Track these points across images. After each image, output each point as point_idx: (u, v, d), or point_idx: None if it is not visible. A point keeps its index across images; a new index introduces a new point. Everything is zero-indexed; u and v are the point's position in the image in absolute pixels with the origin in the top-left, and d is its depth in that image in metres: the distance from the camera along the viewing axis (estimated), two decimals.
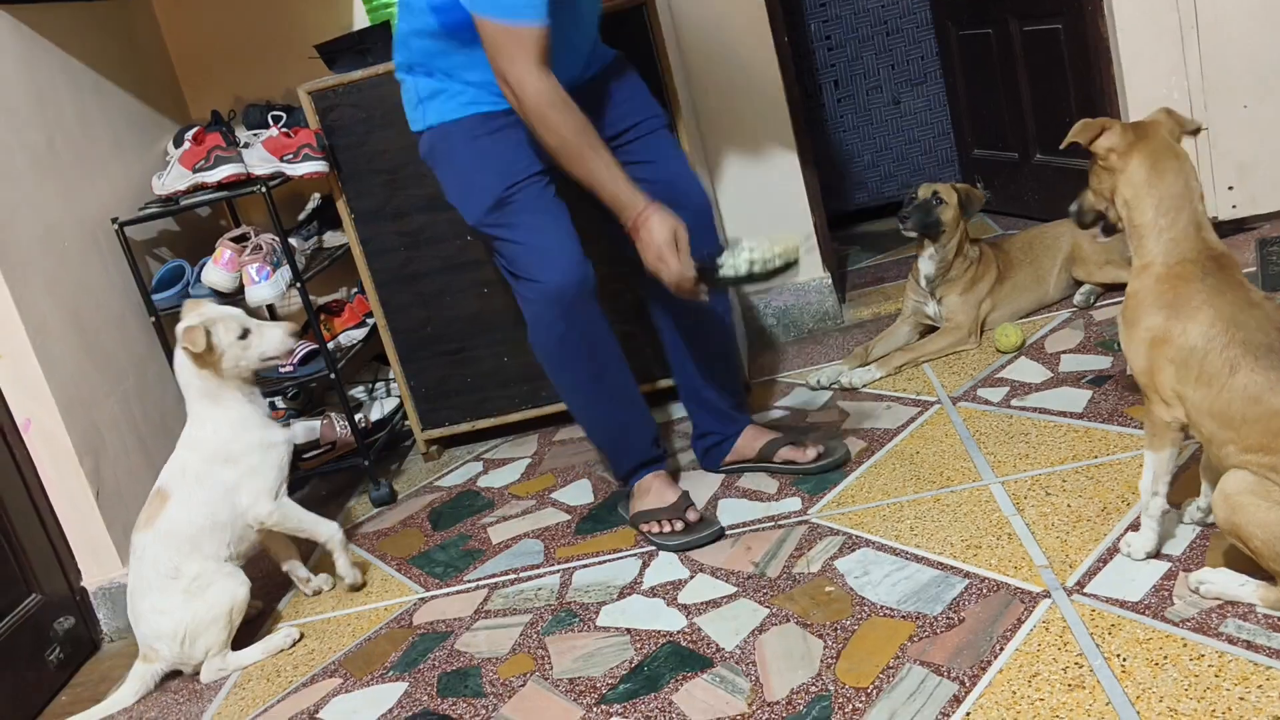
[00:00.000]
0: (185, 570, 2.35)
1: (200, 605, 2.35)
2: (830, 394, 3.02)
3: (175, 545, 2.36)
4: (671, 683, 1.97)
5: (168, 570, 2.34)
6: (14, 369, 2.55)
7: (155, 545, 2.36)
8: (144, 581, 2.36)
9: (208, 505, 2.40)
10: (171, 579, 2.34)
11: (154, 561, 2.35)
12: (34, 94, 2.76)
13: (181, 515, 2.38)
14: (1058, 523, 2.13)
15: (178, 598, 2.34)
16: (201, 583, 2.36)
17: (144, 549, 2.36)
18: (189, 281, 3.02)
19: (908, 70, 4.45)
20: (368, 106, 2.98)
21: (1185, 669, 1.67)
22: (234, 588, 2.39)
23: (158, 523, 2.37)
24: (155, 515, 2.37)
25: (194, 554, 2.37)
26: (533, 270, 2.29)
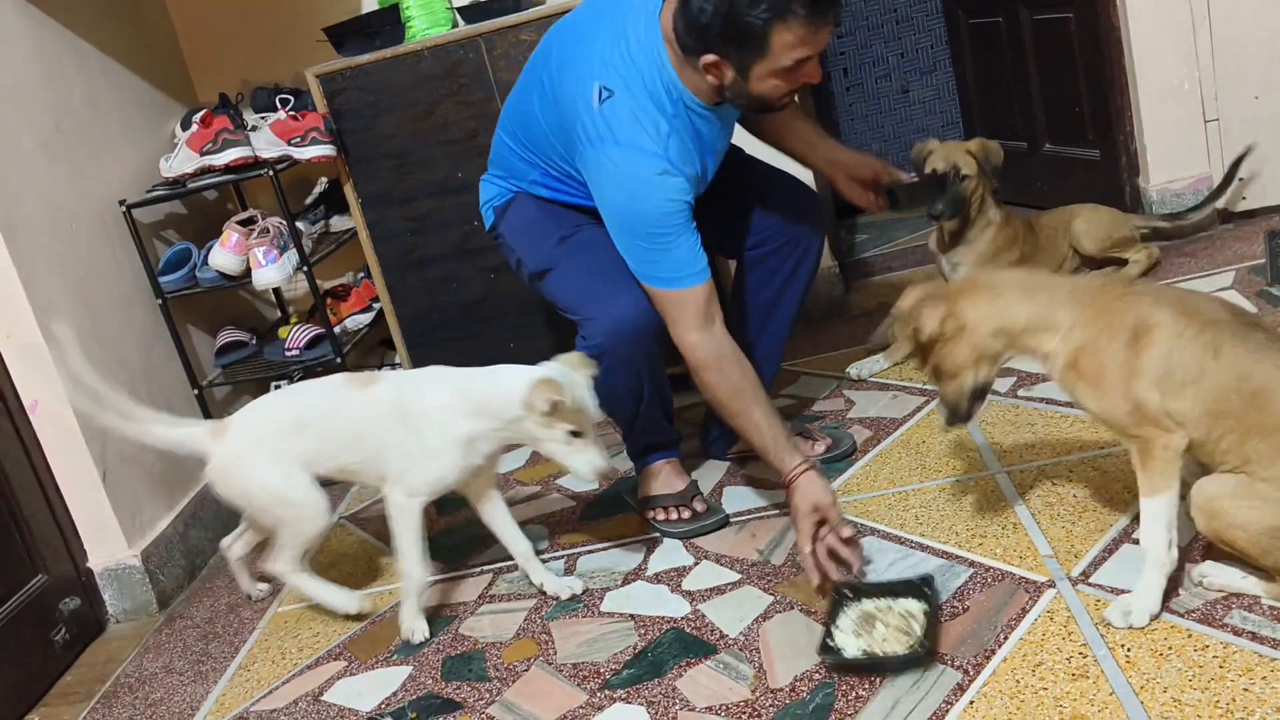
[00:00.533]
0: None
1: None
2: (836, 382, 3.01)
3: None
4: (675, 669, 1.97)
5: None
6: (21, 350, 2.56)
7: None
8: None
9: (366, 441, 2.25)
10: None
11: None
12: (42, 76, 2.76)
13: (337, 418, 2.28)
14: (1063, 513, 2.13)
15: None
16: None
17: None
18: (196, 264, 3.02)
19: (917, 58, 4.43)
20: (375, 90, 2.97)
21: (1190, 660, 1.67)
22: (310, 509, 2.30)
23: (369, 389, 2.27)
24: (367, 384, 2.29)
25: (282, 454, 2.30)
26: (600, 301, 2.24)
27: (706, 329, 2.17)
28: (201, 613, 2.66)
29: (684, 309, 2.16)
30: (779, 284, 2.52)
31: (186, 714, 2.24)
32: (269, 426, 2.30)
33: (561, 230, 2.34)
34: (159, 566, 2.74)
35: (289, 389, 2.46)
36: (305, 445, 2.27)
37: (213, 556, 2.95)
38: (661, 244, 2.13)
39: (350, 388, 2.28)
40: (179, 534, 2.84)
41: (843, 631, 1.90)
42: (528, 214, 2.40)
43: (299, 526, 2.30)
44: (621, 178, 2.11)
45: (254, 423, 2.32)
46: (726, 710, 1.83)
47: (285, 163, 2.96)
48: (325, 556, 2.76)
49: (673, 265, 2.15)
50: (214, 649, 2.47)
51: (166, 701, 2.31)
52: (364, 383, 2.27)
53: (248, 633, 2.50)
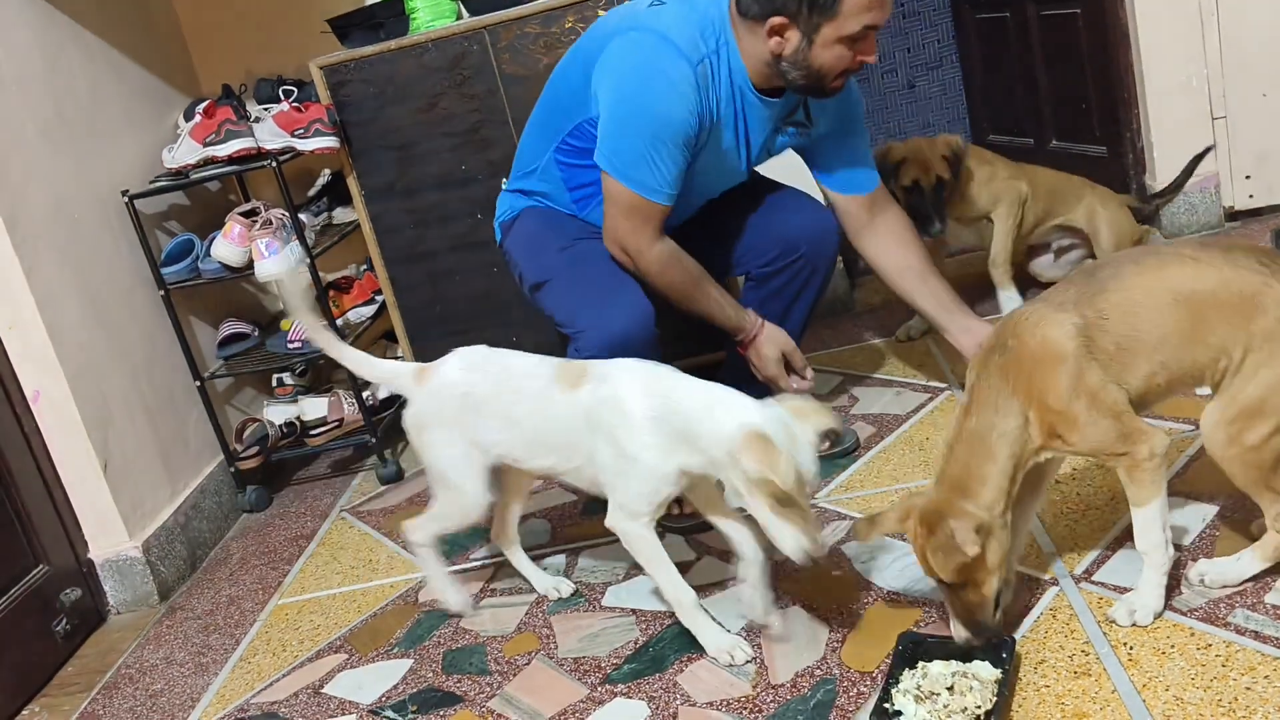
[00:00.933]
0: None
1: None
2: (841, 378, 3.00)
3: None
4: (676, 664, 1.96)
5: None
6: (23, 340, 2.55)
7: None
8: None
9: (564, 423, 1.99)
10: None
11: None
12: (46, 65, 2.75)
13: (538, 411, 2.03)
14: (1066, 511, 2.12)
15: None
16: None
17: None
18: (198, 255, 3.02)
19: (923, 53, 4.42)
20: (379, 82, 2.96)
21: (1192, 658, 1.67)
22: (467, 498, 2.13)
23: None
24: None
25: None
26: (594, 313, 2.21)
27: (662, 237, 2.23)
28: (202, 604, 2.65)
29: (649, 220, 2.21)
30: (786, 301, 2.51)
31: (187, 705, 2.24)
32: (456, 393, 2.08)
33: (560, 242, 2.34)
34: (160, 558, 2.74)
35: (498, 355, 2.11)
36: (488, 431, 2.05)
37: (214, 548, 2.95)
38: (654, 150, 2.14)
39: (558, 383, 1.99)
40: (180, 525, 2.84)
41: (903, 693, 1.70)
42: (530, 228, 2.41)
43: (447, 509, 2.15)
44: (644, 65, 2.11)
45: (448, 383, 2.10)
46: (728, 706, 1.83)
47: (288, 154, 2.95)
48: (325, 549, 2.76)
49: (654, 175, 2.16)
50: (215, 640, 2.47)
51: (167, 693, 2.31)
52: (574, 379, 1.97)
53: (248, 625, 2.50)
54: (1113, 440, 1.68)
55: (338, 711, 2.08)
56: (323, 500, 3.07)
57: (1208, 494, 2.06)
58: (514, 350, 2.12)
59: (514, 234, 2.45)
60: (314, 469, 3.32)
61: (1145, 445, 1.69)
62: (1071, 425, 1.68)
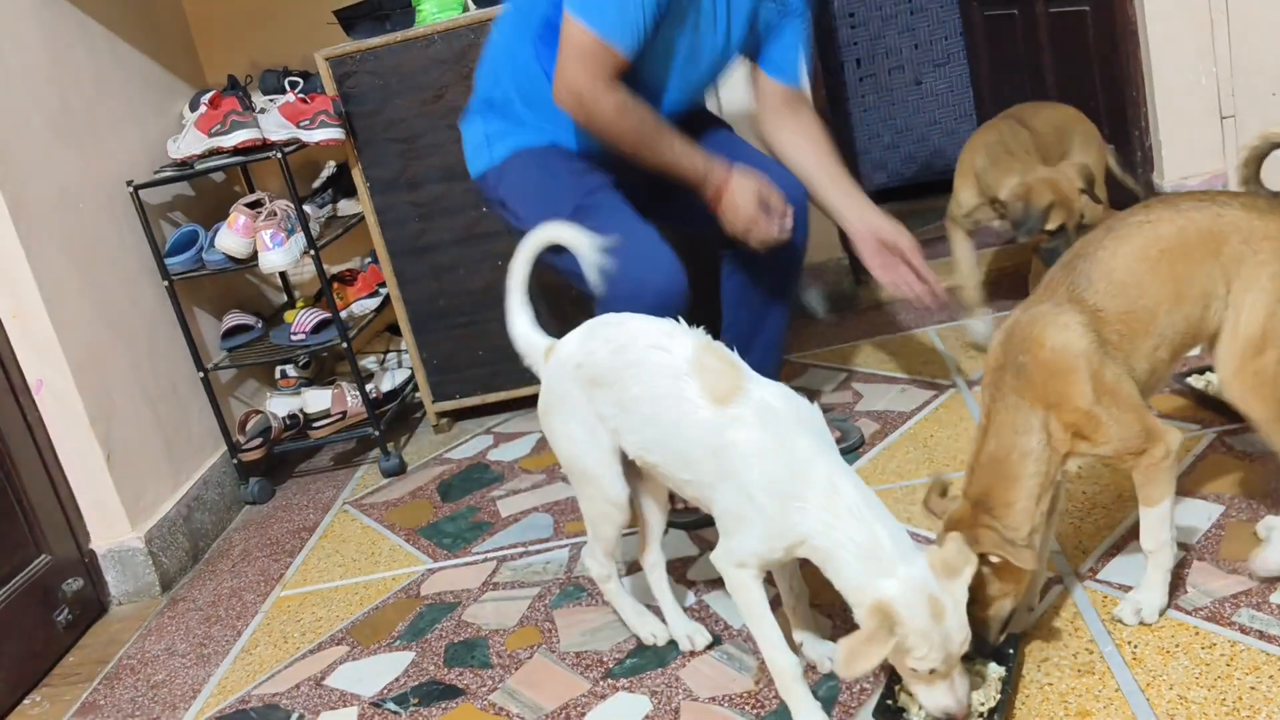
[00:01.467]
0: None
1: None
2: (845, 374, 3.00)
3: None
4: (679, 659, 1.96)
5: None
6: (27, 330, 2.55)
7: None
8: None
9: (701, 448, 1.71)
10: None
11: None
12: (51, 55, 2.74)
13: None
14: (1072, 508, 2.11)
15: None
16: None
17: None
18: (203, 246, 3.01)
19: (931, 50, 4.40)
20: (385, 74, 2.95)
21: (1196, 657, 1.66)
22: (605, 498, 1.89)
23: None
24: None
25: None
26: (628, 275, 2.04)
27: (617, 85, 2.08)
28: (204, 595, 2.65)
29: (606, 67, 2.05)
30: (769, 282, 2.46)
31: (188, 696, 2.24)
32: (571, 364, 1.84)
33: (575, 198, 2.19)
34: (162, 549, 2.74)
35: (617, 325, 1.83)
36: (606, 410, 1.80)
37: (216, 539, 2.95)
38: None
39: (699, 389, 1.69)
40: (182, 516, 2.84)
41: (907, 690, 1.65)
42: (530, 178, 2.27)
43: (592, 508, 1.91)
44: None
45: (564, 356, 1.86)
46: (730, 701, 1.82)
47: (294, 145, 2.95)
48: (328, 542, 2.75)
49: (621, 17, 2.04)
50: (216, 632, 2.47)
51: (168, 683, 2.31)
52: (722, 392, 1.67)
53: (250, 616, 2.49)
54: (1135, 435, 1.66)
55: (339, 704, 2.07)
56: (325, 493, 3.07)
57: (1214, 494, 2.05)
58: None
59: (510, 181, 2.30)
60: (316, 461, 3.32)
61: (1162, 444, 1.67)
62: (1096, 425, 1.64)
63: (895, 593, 1.50)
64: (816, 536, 1.58)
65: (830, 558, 1.57)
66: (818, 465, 1.61)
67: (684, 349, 1.73)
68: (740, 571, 1.68)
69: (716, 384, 1.69)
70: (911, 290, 2.34)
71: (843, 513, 1.57)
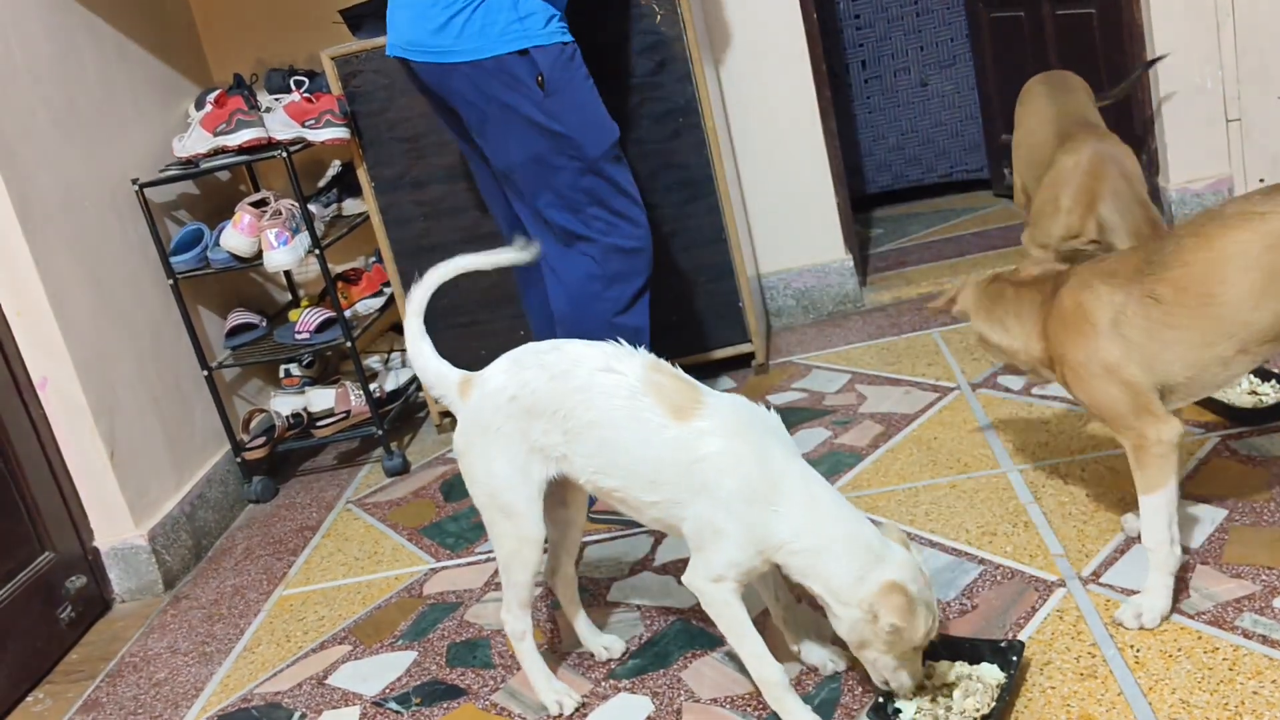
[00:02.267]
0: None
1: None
2: (849, 376, 2.99)
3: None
4: (681, 660, 1.96)
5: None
6: (32, 327, 2.56)
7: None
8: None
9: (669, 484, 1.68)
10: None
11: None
12: (57, 53, 2.75)
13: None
14: (1075, 512, 2.11)
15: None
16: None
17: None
18: (207, 245, 3.02)
19: (937, 52, 4.40)
20: (391, 73, 2.96)
21: (1199, 662, 1.66)
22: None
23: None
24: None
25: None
26: (638, 217, 2.35)
27: None
28: (207, 594, 2.66)
29: None
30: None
31: (190, 694, 2.24)
32: (504, 398, 1.77)
33: (614, 131, 2.32)
34: (165, 547, 2.74)
35: (553, 345, 1.80)
36: (549, 439, 1.75)
37: (219, 538, 2.95)
38: None
39: (657, 405, 1.67)
40: (185, 515, 2.84)
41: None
42: (586, 86, 2.27)
43: (506, 549, 1.83)
44: None
45: (492, 390, 1.79)
46: (731, 702, 1.82)
47: (299, 145, 2.95)
48: (330, 541, 2.76)
49: None
50: (219, 630, 2.47)
51: (170, 681, 2.31)
52: (680, 408, 1.67)
53: (253, 615, 2.50)
54: (1122, 414, 1.72)
55: (341, 703, 2.08)
56: (328, 492, 3.07)
57: (1217, 497, 2.05)
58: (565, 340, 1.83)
59: (565, 84, 2.22)
60: (320, 460, 3.32)
61: (1155, 429, 1.69)
62: (1079, 384, 1.77)
63: (900, 575, 1.57)
64: (798, 539, 1.60)
65: (816, 559, 1.60)
66: (791, 470, 1.64)
67: (634, 369, 1.71)
68: (718, 586, 1.66)
69: (674, 400, 1.68)
70: None
71: (823, 513, 1.61)
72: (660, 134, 2.97)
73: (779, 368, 3.17)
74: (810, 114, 3.35)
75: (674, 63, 2.90)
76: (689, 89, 2.92)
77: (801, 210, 3.41)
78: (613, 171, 2.31)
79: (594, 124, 2.28)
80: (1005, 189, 3.84)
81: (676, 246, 3.06)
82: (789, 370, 3.14)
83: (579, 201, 2.31)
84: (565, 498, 1.86)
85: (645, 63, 2.91)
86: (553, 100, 2.23)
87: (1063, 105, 2.73)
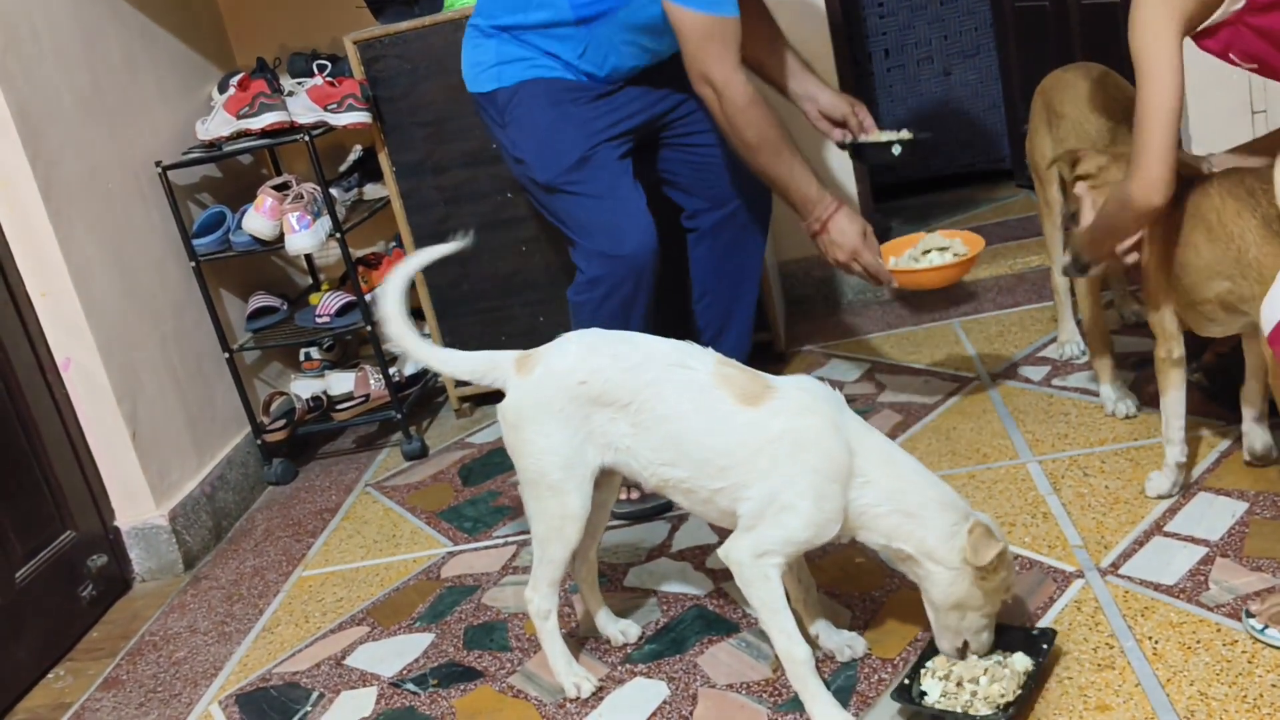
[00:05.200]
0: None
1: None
2: (868, 365, 2.99)
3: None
4: (697, 645, 1.96)
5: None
6: (56, 308, 2.57)
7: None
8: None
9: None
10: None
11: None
12: (82, 36, 2.76)
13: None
14: (1094, 504, 2.11)
15: None
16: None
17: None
18: (229, 228, 3.03)
19: (960, 41, 4.37)
20: (413, 58, 2.96)
21: (1218, 654, 1.65)
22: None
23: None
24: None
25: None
26: (609, 231, 2.27)
27: (742, 69, 2.19)
28: (227, 574, 2.67)
29: (727, 41, 2.15)
30: (743, 252, 2.55)
31: (209, 673, 2.26)
32: (572, 380, 1.77)
33: (580, 149, 2.30)
34: (185, 527, 2.76)
35: (622, 336, 1.84)
36: (614, 429, 1.76)
37: (239, 519, 2.97)
38: None
39: (727, 394, 1.71)
40: (206, 495, 2.86)
41: (931, 673, 1.69)
42: (542, 116, 2.32)
43: (547, 526, 1.83)
44: None
45: (560, 370, 1.79)
46: (747, 689, 1.82)
47: (321, 129, 2.96)
48: (349, 523, 2.77)
49: None
50: (238, 610, 2.49)
51: (190, 660, 2.33)
52: (752, 394, 1.71)
53: (272, 595, 2.51)
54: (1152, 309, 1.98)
55: (359, 683, 2.09)
56: (347, 475, 3.09)
57: (1237, 490, 2.04)
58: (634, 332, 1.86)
59: (519, 113, 2.34)
60: (339, 443, 3.33)
61: (1162, 344, 1.96)
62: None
63: (989, 522, 1.64)
64: (887, 503, 1.66)
65: (907, 520, 1.65)
66: (869, 440, 1.70)
67: (705, 364, 1.75)
68: (762, 561, 1.67)
69: (746, 389, 1.72)
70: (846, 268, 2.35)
71: (909, 476, 1.68)
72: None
73: (798, 356, 3.17)
74: None
75: None
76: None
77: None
78: (574, 188, 2.31)
79: (544, 149, 2.33)
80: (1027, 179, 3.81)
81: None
82: (808, 359, 3.13)
83: (548, 213, 2.41)
84: (599, 481, 1.85)
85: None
86: (510, 130, 2.37)
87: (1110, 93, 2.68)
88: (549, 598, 1.88)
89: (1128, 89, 2.65)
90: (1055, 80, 2.78)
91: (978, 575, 1.63)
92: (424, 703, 1.99)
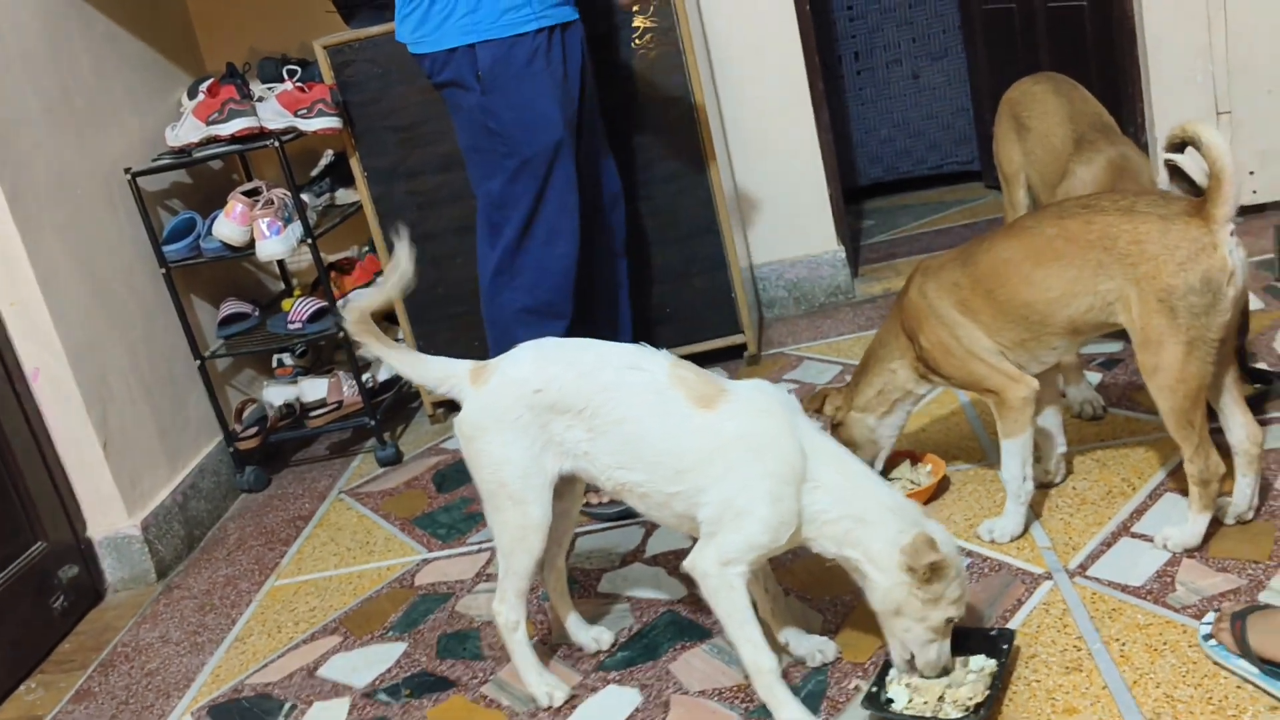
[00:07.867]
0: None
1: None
2: (840, 367, 3.00)
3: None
4: (670, 652, 1.97)
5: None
6: (24, 317, 2.55)
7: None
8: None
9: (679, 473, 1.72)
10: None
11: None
12: (49, 41, 2.74)
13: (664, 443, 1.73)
14: (1062, 505, 2.13)
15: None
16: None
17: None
18: (200, 234, 3.02)
19: (929, 44, 4.40)
20: (384, 63, 2.95)
21: (1184, 656, 1.67)
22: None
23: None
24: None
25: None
26: (552, 230, 2.37)
27: None
28: (199, 584, 2.66)
29: None
30: (621, 236, 2.63)
31: (182, 684, 2.25)
32: (527, 390, 1.77)
33: (558, 130, 2.29)
34: (158, 536, 2.75)
35: (580, 348, 1.84)
36: (571, 436, 1.77)
37: (211, 528, 2.96)
38: None
39: (683, 396, 1.72)
40: (178, 505, 2.85)
41: (897, 680, 1.71)
42: (522, 86, 2.27)
43: (509, 536, 1.82)
44: None
45: (515, 379, 1.79)
46: (719, 695, 1.83)
47: (291, 134, 2.95)
48: (323, 531, 2.76)
49: None
50: (211, 620, 2.48)
51: (162, 671, 2.32)
52: (706, 397, 1.71)
53: (244, 605, 2.50)
54: (981, 380, 2.02)
55: (331, 694, 2.09)
56: (321, 482, 3.08)
57: None
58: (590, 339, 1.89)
59: (502, 78, 2.25)
60: (313, 450, 3.32)
61: (1010, 390, 1.99)
62: (937, 361, 2.06)
63: (938, 535, 1.64)
64: (837, 508, 1.66)
65: (856, 526, 1.65)
66: (822, 445, 1.71)
67: (660, 366, 1.76)
68: (728, 569, 1.67)
69: (700, 391, 1.72)
70: None
71: (860, 483, 1.69)
72: (653, 125, 2.97)
73: (770, 359, 3.18)
74: (803, 106, 3.35)
75: (667, 54, 2.91)
76: (682, 80, 2.92)
77: (794, 202, 3.42)
78: (550, 169, 2.31)
79: (531, 121, 2.29)
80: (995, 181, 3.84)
81: (669, 238, 3.07)
82: (780, 361, 3.15)
83: (506, 200, 2.37)
84: (561, 489, 1.85)
85: (638, 54, 2.92)
86: (490, 98, 2.29)
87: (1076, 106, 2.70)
88: (516, 609, 1.87)
89: (1093, 101, 2.68)
90: (1022, 93, 2.79)
91: (914, 582, 1.61)
92: (396, 713, 1.99)
